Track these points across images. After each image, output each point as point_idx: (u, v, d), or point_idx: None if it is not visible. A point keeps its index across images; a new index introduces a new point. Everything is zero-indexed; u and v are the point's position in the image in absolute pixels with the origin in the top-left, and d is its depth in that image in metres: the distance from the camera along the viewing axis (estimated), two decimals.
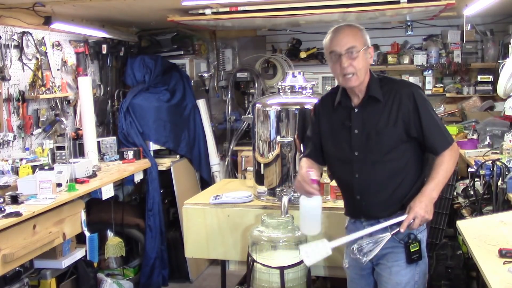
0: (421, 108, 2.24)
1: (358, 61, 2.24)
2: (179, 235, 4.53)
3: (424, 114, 2.24)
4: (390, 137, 2.27)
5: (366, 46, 2.28)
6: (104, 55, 4.84)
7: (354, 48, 2.23)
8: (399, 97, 2.26)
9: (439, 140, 2.28)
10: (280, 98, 3.22)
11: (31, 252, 2.97)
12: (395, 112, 2.25)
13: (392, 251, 2.33)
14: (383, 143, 2.28)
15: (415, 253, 2.31)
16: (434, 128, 2.26)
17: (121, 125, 4.57)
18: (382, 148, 2.28)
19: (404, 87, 2.29)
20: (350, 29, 2.28)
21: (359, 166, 2.33)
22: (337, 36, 2.27)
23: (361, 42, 2.26)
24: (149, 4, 3.83)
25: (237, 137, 5.37)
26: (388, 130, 2.26)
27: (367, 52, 2.28)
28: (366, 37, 2.29)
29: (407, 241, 2.30)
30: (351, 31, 2.27)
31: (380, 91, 2.28)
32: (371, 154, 2.30)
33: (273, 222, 2.90)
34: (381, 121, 2.27)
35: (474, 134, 4.47)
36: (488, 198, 3.27)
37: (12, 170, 3.50)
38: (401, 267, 2.33)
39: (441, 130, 2.29)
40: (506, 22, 5.10)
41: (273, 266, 2.83)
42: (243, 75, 5.37)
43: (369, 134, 2.29)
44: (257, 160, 3.26)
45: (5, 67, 3.65)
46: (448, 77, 5.39)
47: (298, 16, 4.16)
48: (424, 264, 2.38)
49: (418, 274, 2.36)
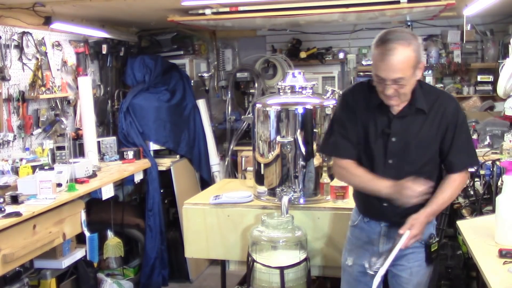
0: (461, 125, 2.23)
1: (405, 88, 2.11)
2: (179, 235, 4.53)
3: (459, 131, 2.22)
4: (430, 149, 2.23)
5: (416, 67, 2.09)
6: (104, 55, 4.84)
7: (403, 79, 2.07)
8: (442, 110, 2.20)
9: (464, 157, 2.24)
10: (280, 98, 3.22)
11: (31, 252, 2.97)
12: (437, 124, 2.20)
13: (414, 251, 2.31)
14: (422, 154, 2.23)
15: (435, 252, 2.33)
16: (464, 146, 2.24)
17: (121, 125, 4.57)
18: (421, 159, 2.24)
19: (449, 101, 2.24)
20: (402, 53, 2.03)
21: (392, 174, 2.21)
22: (386, 61, 2.04)
23: (411, 67, 2.06)
24: (149, 4, 3.83)
25: (237, 137, 5.37)
26: (429, 141, 2.22)
27: (417, 71, 2.11)
28: (418, 56, 2.08)
29: (427, 241, 2.30)
30: (403, 57, 2.03)
31: (425, 102, 2.20)
32: (408, 164, 2.23)
33: (273, 222, 2.90)
34: (422, 132, 2.21)
35: (474, 134, 4.46)
36: (488, 198, 3.27)
37: (12, 170, 3.50)
38: (422, 267, 2.33)
39: (470, 150, 2.28)
40: (506, 22, 5.10)
41: (273, 266, 2.83)
42: (243, 75, 5.37)
43: (408, 144, 2.22)
44: (257, 160, 3.26)
45: (5, 67, 3.65)
46: (448, 77, 5.39)
47: (298, 16, 4.16)
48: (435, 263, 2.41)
49: (429, 274, 2.38)
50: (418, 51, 2.08)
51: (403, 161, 2.23)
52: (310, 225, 3.00)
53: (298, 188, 3.10)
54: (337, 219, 2.95)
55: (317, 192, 3.14)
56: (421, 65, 2.12)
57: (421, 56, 2.12)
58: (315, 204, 3.10)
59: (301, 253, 2.88)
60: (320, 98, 3.19)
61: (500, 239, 2.21)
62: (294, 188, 3.09)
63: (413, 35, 2.11)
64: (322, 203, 3.10)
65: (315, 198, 3.13)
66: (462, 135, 2.23)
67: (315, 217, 3.02)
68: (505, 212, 2.19)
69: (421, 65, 2.13)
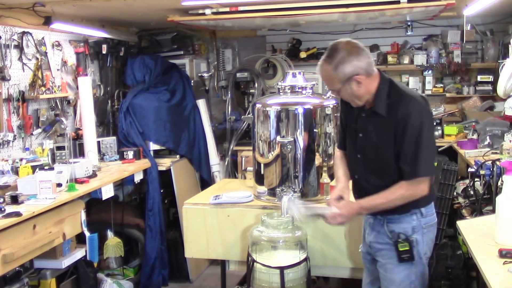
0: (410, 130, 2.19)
1: (344, 95, 2.31)
2: (179, 235, 4.53)
3: (409, 140, 2.20)
4: (387, 151, 2.28)
5: (344, 82, 2.22)
6: (104, 55, 4.84)
7: (334, 90, 2.30)
8: (395, 115, 2.24)
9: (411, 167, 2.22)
10: (280, 98, 3.22)
11: (31, 252, 2.97)
12: (390, 128, 2.25)
13: (385, 248, 2.38)
14: (381, 155, 2.31)
15: (405, 252, 2.33)
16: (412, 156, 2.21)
17: (121, 125, 4.57)
18: (380, 159, 2.32)
19: (405, 107, 2.23)
20: (323, 70, 2.25)
21: (359, 168, 2.41)
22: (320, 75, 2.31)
23: (337, 82, 2.23)
24: (149, 4, 3.83)
25: (237, 137, 5.37)
26: (385, 144, 2.28)
27: (349, 85, 2.23)
28: (342, 73, 2.20)
29: (396, 240, 2.33)
30: (324, 74, 2.26)
31: (386, 106, 2.26)
32: (371, 161, 2.35)
33: (273, 222, 2.90)
34: (379, 134, 2.29)
35: (474, 134, 4.47)
36: (488, 198, 3.27)
37: (12, 170, 3.49)
38: (394, 265, 2.37)
39: (420, 160, 2.20)
40: (506, 22, 5.10)
41: (273, 266, 2.83)
42: (243, 75, 5.37)
43: (371, 141, 2.32)
44: (257, 160, 3.26)
45: (5, 67, 3.65)
46: (448, 77, 5.39)
47: (298, 16, 4.16)
48: (421, 265, 2.38)
49: (415, 274, 2.37)
50: (340, 72, 2.20)
51: (368, 158, 2.35)
52: (310, 225, 3.00)
53: (298, 188, 3.10)
54: None
55: (317, 192, 3.14)
56: (356, 78, 2.21)
57: (349, 74, 2.20)
58: (315, 204, 3.09)
59: (301, 253, 2.88)
60: (320, 98, 3.19)
61: (500, 239, 2.21)
62: (294, 188, 3.09)
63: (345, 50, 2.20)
64: (322, 203, 3.10)
65: (315, 198, 3.13)
66: (412, 144, 2.20)
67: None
68: (505, 212, 2.19)
69: (356, 78, 2.21)
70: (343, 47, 2.22)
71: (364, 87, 2.25)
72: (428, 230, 2.38)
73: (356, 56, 2.21)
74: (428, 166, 2.25)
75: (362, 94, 2.27)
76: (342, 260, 2.99)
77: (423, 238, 2.36)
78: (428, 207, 2.37)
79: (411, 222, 2.34)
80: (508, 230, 2.18)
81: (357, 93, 2.26)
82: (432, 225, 2.41)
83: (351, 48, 2.22)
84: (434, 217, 2.42)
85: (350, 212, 2.35)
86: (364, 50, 2.25)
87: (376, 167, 2.35)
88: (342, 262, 3.00)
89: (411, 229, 2.34)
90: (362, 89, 2.25)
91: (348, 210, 2.35)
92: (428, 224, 2.38)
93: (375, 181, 2.35)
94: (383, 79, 2.31)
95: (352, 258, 2.95)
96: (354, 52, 2.21)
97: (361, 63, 2.21)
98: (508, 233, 2.18)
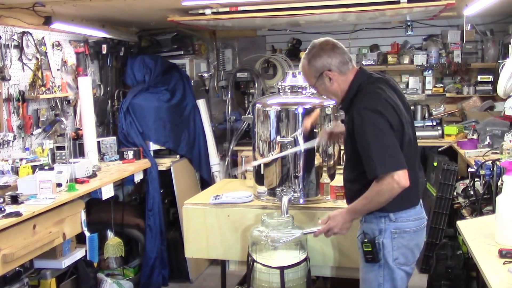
0: (357, 132, 2.22)
1: (320, 91, 2.42)
2: (179, 235, 4.53)
3: (359, 139, 2.21)
4: (349, 148, 2.37)
5: (317, 77, 2.34)
6: (104, 55, 4.84)
7: (310, 85, 2.45)
8: (351, 113, 2.29)
9: (368, 166, 2.20)
10: (280, 98, 3.22)
11: (31, 252, 2.97)
12: (350, 128, 2.29)
13: (359, 246, 2.40)
14: (346, 153, 2.44)
15: (368, 253, 2.33)
16: (363, 155, 2.21)
17: (121, 125, 4.57)
18: (347, 156, 2.43)
19: (358, 104, 2.25)
20: (302, 65, 2.39)
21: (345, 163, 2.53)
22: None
23: (311, 76, 2.36)
24: (149, 4, 3.83)
25: (237, 137, 5.37)
26: (347, 143, 2.39)
27: (322, 80, 2.35)
28: (314, 67, 2.34)
29: (362, 240, 2.34)
30: (302, 69, 2.40)
31: (349, 104, 2.34)
32: (346, 155, 2.46)
33: (273, 222, 2.90)
34: (347, 131, 2.37)
35: (474, 134, 4.47)
36: (488, 198, 3.27)
37: (12, 170, 3.50)
38: (363, 265, 2.40)
39: (367, 160, 2.19)
40: (506, 22, 5.10)
41: (273, 266, 2.83)
42: (243, 75, 5.37)
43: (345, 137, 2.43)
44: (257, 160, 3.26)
45: (5, 67, 3.65)
46: (448, 77, 5.40)
47: (298, 16, 4.16)
48: (388, 269, 2.32)
49: (383, 278, 2.33)
50: (313, 67, 2.33)
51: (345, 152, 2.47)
52: (310, 225, 3.00)
53: (298, 188, 3.10)
54: None
55: (317, 192, 3.14)
56: (327, 73, 2.32)
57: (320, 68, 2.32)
58: (315, 204, 3.10)
59: (301, 253, 2.88)
60: (320, 98, 3.18)
61: (500, 239, 2.21)
62: (294, 188, 3.09)
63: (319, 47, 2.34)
64: (322, 203, 3.10)
65: (315, 198, 3.13)
66: (362, 144, 2.20)
67: (315, 217, 3.02)
68: (505, 212, 2.19)
69: (328, 74, 2.32)
70: (318, 44, 2.36)
71: (336, 83, 2.34)
72: (400, 236, 2.31)
73: (328, 52, 2.32)
74: (382, 163, 2.16)
75: (335, 90, 2.37)
76: (342, 260, 2.99)
77: (392, 243, 2.30)
78: (400, 212, 2.30)
79: (379, 224, 2.32)
80: (508, 230, 2.18)
81: (330, 89, 2.36)
82: (407, 232, 2.31)
83: (326, 45, 2.35)
84: (410, 224, 2.32)
85: (340, 220, 2.35)
86: (339, 48, 2.34)
87: (348, 162, 2.45)
88: (342, 262, 3.00)
89: (378, 231, 2.32)
90: (335, 86, 2.35)
91: (337, 219, 2.36)
92: (400, 229, 2.31)
93: (348, 175, 2.45)
94: (359, 75, 2.35)
95: (352, 258, 2.95)
96: (327, 49, 2.33)
97: (332, 60, 2.31)
98: (508, 233, 2.18)
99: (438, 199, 4.28)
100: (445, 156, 4.76)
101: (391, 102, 2.23)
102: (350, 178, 2.43)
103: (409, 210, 2.32)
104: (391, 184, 2.15)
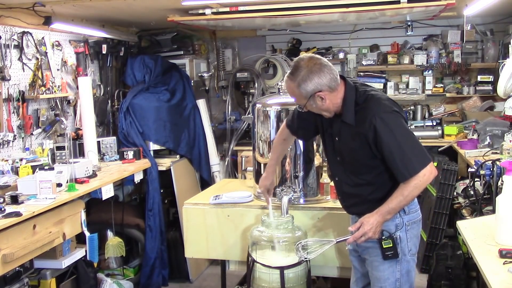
0: (383, 137, 2.21)
1: (311, 109, 2.35)
2: (179, 235, 4.53)
3: (386, 144, 2.21)
4: (362, 158, 2.33)
5: (307, 98, 2.27)
6: (104, 55, 4.84)
7: (300, 105, 2.35)
8: (362, 123, 2.26)
9: (399, 170, 2.23)
10: (280, 98, 3.22)
11: (31, 252, 2.97)
12: (360, 136, 2.27)
13: (372, 245, 2.40)
14: (356, 160, 2.36)
15: (389, 249, 2.35)
16: (396, 158, 2.22)
17: (121, 125, 4.57)
18: (355, 163, 2.37)
19: (370, 114, 2.24)
20: (288, 86, 2.31)
21: (339, 170, 2.47)
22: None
23: (302, 97, 2.29)
24: (149, 4, 3.83)
25: (237, 137, 5.37)
26: (358, 151, 2.32)
27: (313, 100, 2.28)
28: (305, 90, 2.26)
29: (380, 237, 2.34)
30: (289, 90, 2.32)
31: (354, 116, 2.30)
32: (348, 164, 2.40)
33: (273, 222, 2.89)
34: (351, 140, 2.32)
35: (474, 134, 4.47)
36: (488, 198, 3.27)
37: (12, 170, 3.49)
38: (379, 262, 2.40)
39: (403, 160, 2.21)
40: (506, 22, 5.10)
41: (273, 266, 2.83)
42: (243, 75, 5.37)
43: (346, 146, 2.37)
44: (257, 160, 3.26)
45: (5, 67, 3.65)
46: (448, 77, 5.40)
47: (298, 16, 4.16)
48: (405, 262, 2.40)
49: (400, 272, 2.39)
50: (303, 86, 2.25)
51: (346, 160, 2.41)
52: (310, 225, 3.00)
53: (298, 188, 3.10)
54: (337, 219, 2.94)
55: (317, 192, 3.14)
56: (319, 94, 2.25)
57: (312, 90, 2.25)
58: (315, 204, 3.10)
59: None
60: None
61: (500, 239, 2.21)
62: (294, 188, 3.09)
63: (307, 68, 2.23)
64: (322, 203, 3.11)
65: (315, 198, 3.13)
66: (390, 145, 2.21)
67: (315, 217, 3.02)
68: (505, 212, 2.19)
69: (320, 95, 2.26)
70: (304, 65, 2.25)
71: (329, 101, 2.30)
72: (412, 227, 2.40)
73: (317, 73, 2.24)
74: (419, 159, 2.22)
75: (327, 108, 2.32)
76: (342, 260, 2.99)
77: (406, 235, 2.38)
78: (410, 204, 2.36)
79: (394, 220, 2.36)
80: (508, 230, 2.18)
81: (322, 108, 2.32)
82: (416, 222, 2.42)
83: (313, 65, 2.24)
84: (417, 214, 2.43)
85: (374, 223, 2.30)
86: (326, 66, 2.26)
87: (355, 169, 2.39)
88: (342, 262, 3.00)
89: (394, 226, 2.37)
90: (327, 103, 2.30)
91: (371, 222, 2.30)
92: (411, 221, 2.40)
93: (355, 180, 2.40)
94: (349, 87, 2.33)
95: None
96: (315, 70, 2.24)
97: (322, 80, 2.24)
98: (508, 233, 2.18)
99: (438, 199, 4.27)
100: (445, 156, 4.76)
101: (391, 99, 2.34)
102: (359, 183, 2.39)
103: (415, 200, 2.40)
104: (427, 176, 2.22)
